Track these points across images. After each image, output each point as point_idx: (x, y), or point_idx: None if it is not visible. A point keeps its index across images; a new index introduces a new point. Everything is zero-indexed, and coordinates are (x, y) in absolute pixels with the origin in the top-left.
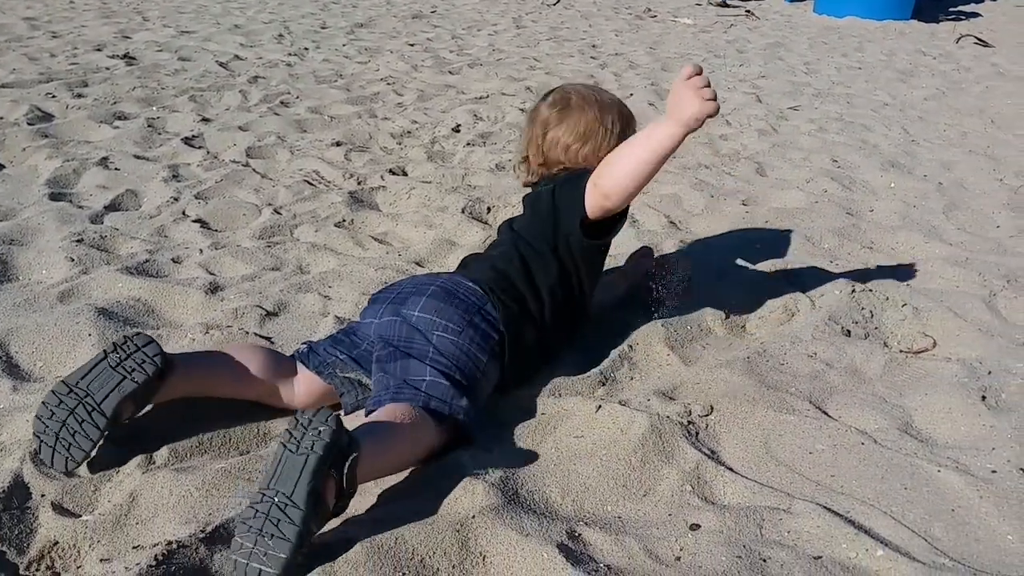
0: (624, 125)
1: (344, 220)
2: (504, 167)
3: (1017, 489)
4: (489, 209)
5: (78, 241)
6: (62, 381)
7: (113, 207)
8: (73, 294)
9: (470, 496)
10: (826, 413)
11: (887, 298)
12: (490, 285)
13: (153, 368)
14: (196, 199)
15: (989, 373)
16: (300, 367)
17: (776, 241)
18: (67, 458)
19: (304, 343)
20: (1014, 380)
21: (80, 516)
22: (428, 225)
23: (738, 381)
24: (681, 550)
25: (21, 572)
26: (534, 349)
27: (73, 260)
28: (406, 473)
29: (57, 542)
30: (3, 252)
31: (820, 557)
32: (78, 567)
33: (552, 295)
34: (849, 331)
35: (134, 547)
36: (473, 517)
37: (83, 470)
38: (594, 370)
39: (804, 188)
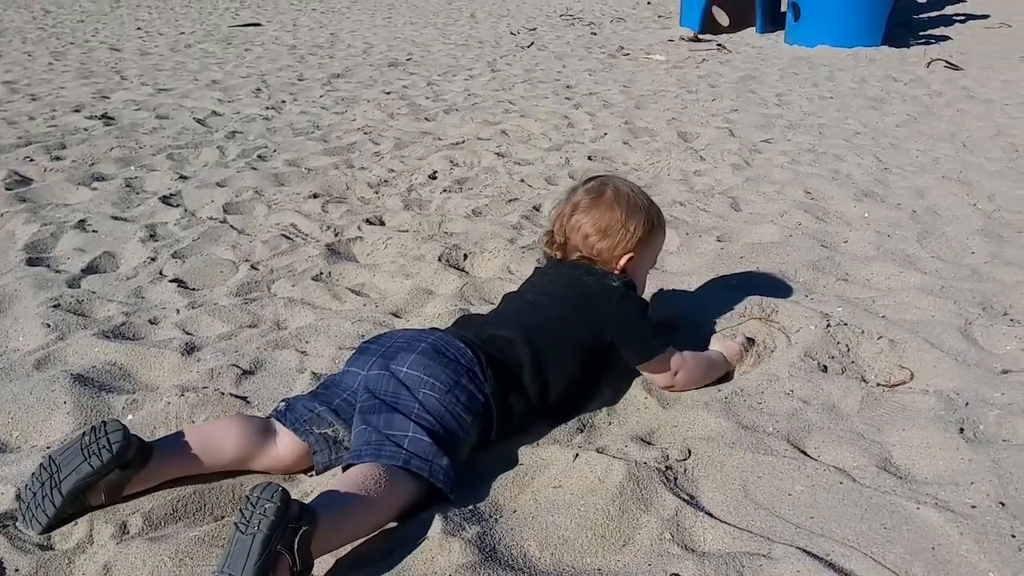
0: (647, 233)
1: (321, 273)
2: (481, 212)
3: (996, 524)
4: (466, 256)
5: (55, 306)
6: (50, 455)
7: (91, 269)
8: (49, 360)
9: (446, 555)
10: (804, 452)
11: (863, 331)
12: (485, 350)
13: (107, 455)
14: (173, 258)
15: (967, 404)
16: (279, 426)
17: (751, 278)
18: (31, 522)
19: (283, 400)
20: (991, 411)
21: None
22: (405, 275)
23: (715, 423)
24: None
25: None
26: (520, 418)
27: (49, 326)
28: (379, 532)
29: None
30: None
31: None
32: None
33: (562, 382)
34: (826, 367)
35: None
36: (449, 575)
37: (59, 544)
38: (575, 417)
39: (778, 222)
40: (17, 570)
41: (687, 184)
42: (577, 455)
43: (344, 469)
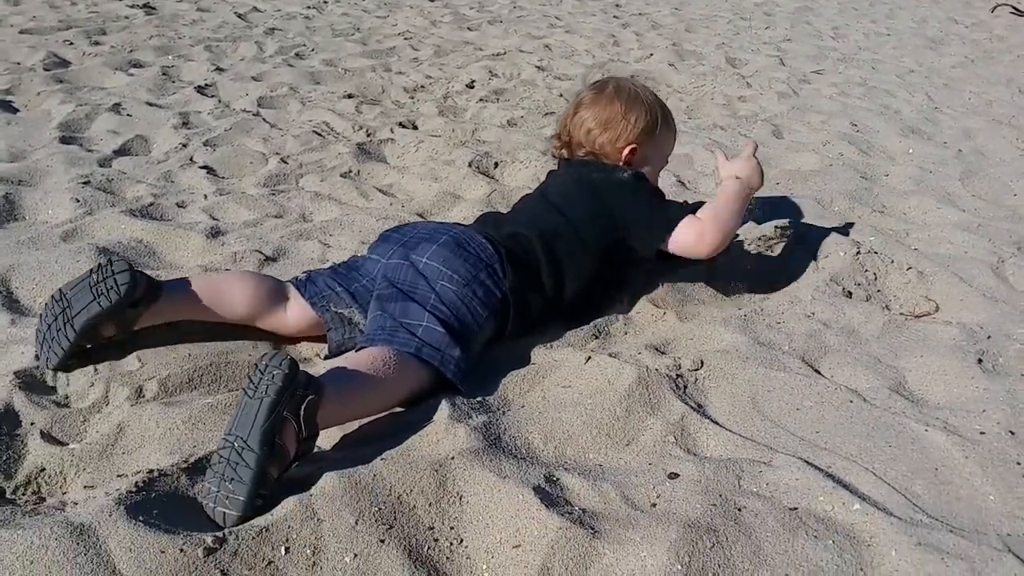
0: (650, 125)
1: (350, 171)
2: (516, 123)
3: (1003, 451)
4: (496, 164)
5: (85, 183)
6: (59, 288)
7: (122, 151)
8: (76, 234)
9: (451, 438)
10: (818, 371)
11: (892, 261)
12: (506, 246)
13: (116, 296)
14: (205, 146)
15: (989, 338)
16: (295, 294)
17: (786, 202)
18: (46, 358)
19: (304, 272)
20: (1013, 345)
21: (67, 444)
22: (434, 178)
23: (731, 338)
24: (658, 497)
25: (7, 496)
26: (537, 315)
27: (79, 201)
28: (388, 414)
29: (44, 468)
30: (11, 192)
31: (796, 508)
32: (63, 492)
33: (577, 281)
34: (851, 292)
35: (118, 475)
36: (452, 458)
37: (75, 402)
38: (589, 324)
39: (819, 151)
40: (32, 423)
41: (730, 109)
42: (589, 358)
43: (359, 344)
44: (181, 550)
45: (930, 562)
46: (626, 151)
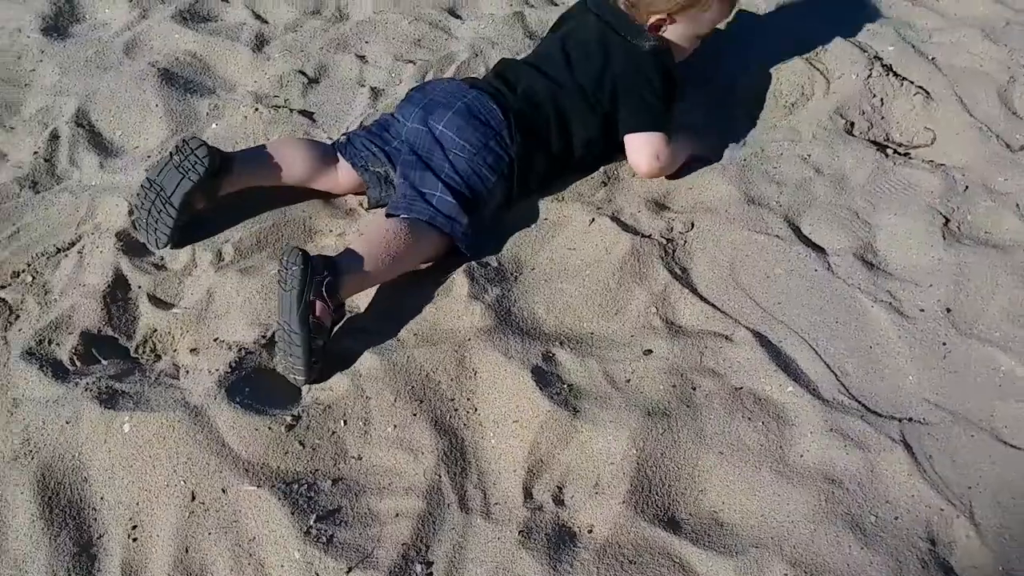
0: (692, 2)
1: None
2: None
3: (934, 331)
4: None
5: None
6: (146, 176)
7: None
8: (136, 46)
9: (469, 316)
10: (798, 229)
11: (902, 84)
12: (515, 112)
13: (203, 168)
14: None
15: (966, 189)
16: (339, 155)
17: None
18: (155, 239)
19: (343, 134)
20: (983, 202)
21: (171, 307)
22: None
23: (726, 191)
24: (632, 373)
25: (131, 354)
26: (544, 175)
27: (131, 1)
28: (415, 285)
29: (156, 329)
30: None
31: (740, 388)
32: (174, 351)
33: (584, 140)
34: (853, 123)
35: (214, 339)
36: (469, 340)
37: (170, 264)
38: (600, 169)
39: None
40: (140, 287)
41: None
42: (593, 220)
43: (388, 212)
44: (270, 428)
45: (833, 447)
46: (653, 19)
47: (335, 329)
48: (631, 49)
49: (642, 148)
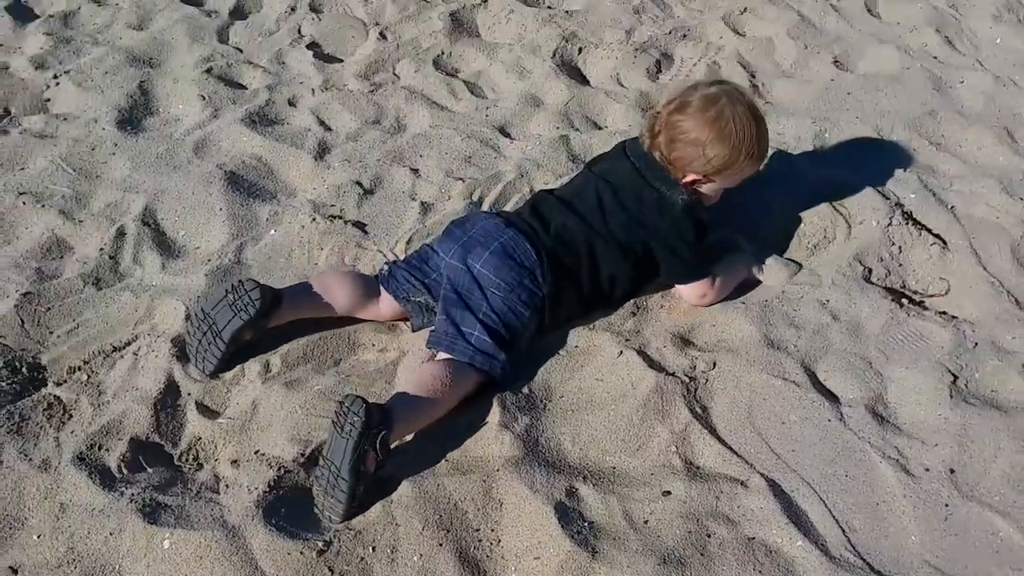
0: (726, 165)
1: (443, 53)
2: None
3: (937, 492)
4: (580, 50)
5: (207, 71)
6: (200, 307)
7: (237, 12)
8: (205, 146)
9: (498, 445)
10: (814, 375)
11: (920, 233)
12: (548, 251)
13: (254, 310)
14: (311, 11)
15: (975, 346)
16: (382, 288)
17: (846, 135)
18: (203, 367)
19: (386, 264)
20: (992, 361)
21: (217, 416)
22: (519, 73)
23: (747, 332)
24: (650, 515)
25: (175, 461)
26: (575, 310)
27: (204, 99)
28: (454, 412)
29: (200, 437)
30: (144, 80)
31: (753, 539)
32: (216, 460)
33: (613, 280)
34: (871, 270)
35: (255, 452)
36: (497, 470)
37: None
38: (631, 301)
39: (903, 41)
40: (189, 394)
41: None
42: (621, 352)
43: (429, 344)
44: (301, 552)
45: None
46: (690, 177)
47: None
48: (665, 202)
49: (689, 294)
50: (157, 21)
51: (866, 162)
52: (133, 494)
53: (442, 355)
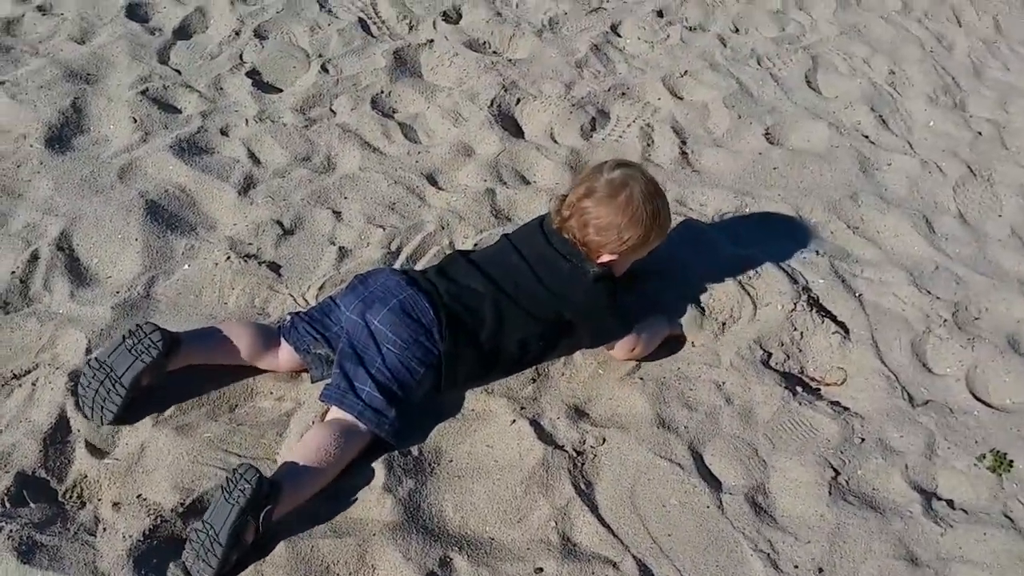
0: (639, 243)
1: (382, 92)
2: (557, 22)
3: None
4: (519, 100)
5: (143, 92)
6: (95, 358)
7: (182, 32)
8: (130, 171)
9: (379, 508)
10: (700, 458)
11: (822, 321)
12: (447, 310)
13: (156, 352)
14: (255, 37)
15: (861, 441)
16: (282, 339)
17: (766, 211)
18: (101, 416)
19: (289, 315)
20: (874, 459)
21: (104, 456)
22: (454, 119)
23: (641, 409)
24: None
25: (59, 498)
26: (471, 372)
27: (136, 121)
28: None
29: (86, 476)
30: (79, 97)
31: None
32: (98, 500)
33: (517, 343)
34: (770, 354)
35: (137, 496)
36: (374, 534)
37: None
38: (532, 367)
39: (837, 118)
40: (79, 431)
41: (779, 23)
42: (514, 421)
43: (321, 397)
44: None
45: None
46: (606, 257)
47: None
48: (577, 273)
49: (618, 353)
50: (100, 35)
51: (781, 242)
52: (11, 531)
53: (333, 410)
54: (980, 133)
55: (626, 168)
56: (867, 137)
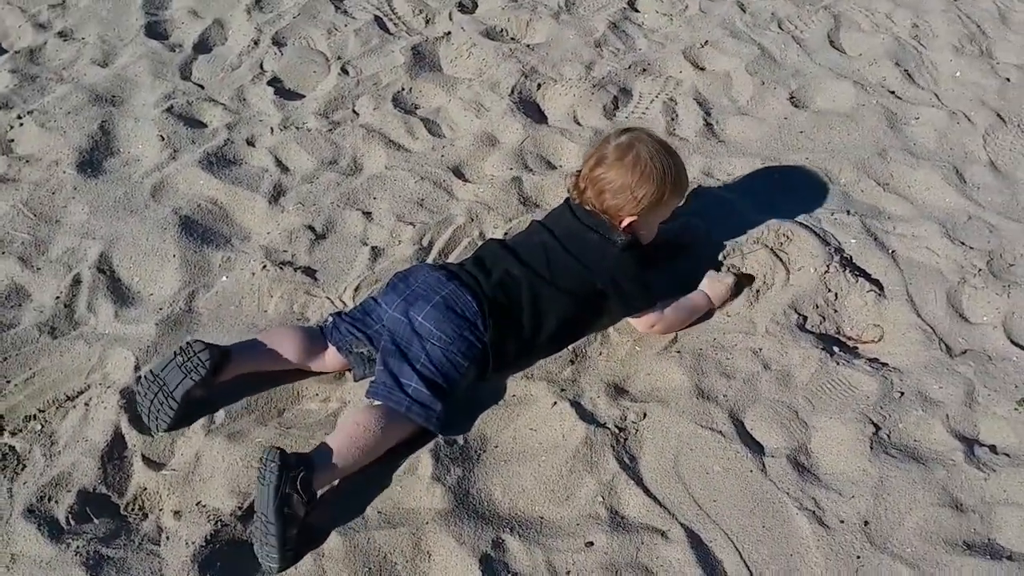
0: (655, 201)
1: (403, 89)
2: (574, 4)
3: (850, 544)
4: (540, 85)
5: (168, 110)
6: (150, 371)
7: (201, 46)
8: (163, 189)
9: (430, 497)
10: (741, 425)
11: (857, 280)
12: (489, 300)
13: (204, 370)
14: (273, 44)
15: (901, 395)
16: (327, 340)
17: (791, 178)
18: (155, 426)
19: (331, 316)
20: (914, 412)
21: (161, 468)
22: (476, 110)
23: (679, 381)
24: (572, 565)
25: (121, 511)
26: (513, 356)
27: (164, 139)
28: (388, 463)
29: (146, 488)
30: (106, 120)
31: None
32: (160, 510)
33: (555, 324)
34: (806, 318)
35: (197, 503)
36: (427, 523)
37: None
38: (569, 346)
39: (862, 75)
40: (135, 445)
41: None
42: (555, 403)
43: (368, 394)
44: None
45: None
46: (627, 220)
47: (307, 517)
48: (606, 243)
49: (640, 324)
50: (121, 56)
51: (811, 205)
52: (78, 547)
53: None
54: (1008, 79)
55: (631, 132)
56: (893, 92)
